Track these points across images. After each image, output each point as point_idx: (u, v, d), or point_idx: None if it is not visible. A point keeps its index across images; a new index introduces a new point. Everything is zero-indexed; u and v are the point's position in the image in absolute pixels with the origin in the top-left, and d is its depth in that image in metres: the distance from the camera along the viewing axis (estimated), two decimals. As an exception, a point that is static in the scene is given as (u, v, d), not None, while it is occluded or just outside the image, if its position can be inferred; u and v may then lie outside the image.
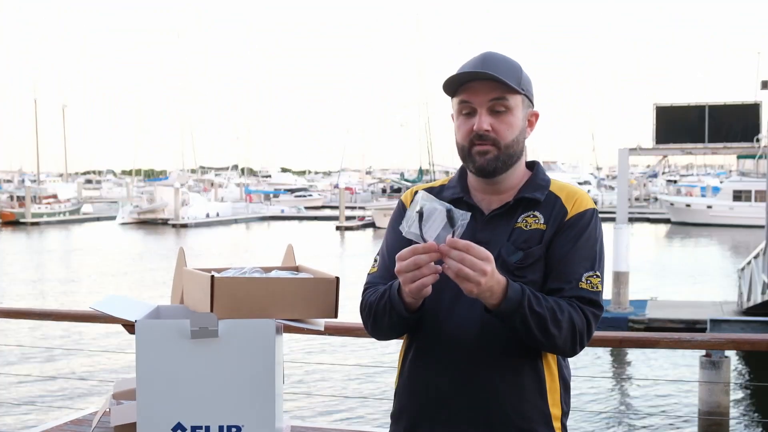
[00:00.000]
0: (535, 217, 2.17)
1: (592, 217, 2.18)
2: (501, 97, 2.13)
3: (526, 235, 2.15)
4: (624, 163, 20.72)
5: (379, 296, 2.16)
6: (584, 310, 2.09)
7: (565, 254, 2.13)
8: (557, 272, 2.13)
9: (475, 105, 2.14)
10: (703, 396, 10.96)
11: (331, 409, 11.89)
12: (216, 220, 55.74)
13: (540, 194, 2.20)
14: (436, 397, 2.16)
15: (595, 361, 15.37)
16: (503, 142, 2.14)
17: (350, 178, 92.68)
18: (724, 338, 4.53)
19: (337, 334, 4.44)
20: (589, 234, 2.16)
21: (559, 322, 2.04)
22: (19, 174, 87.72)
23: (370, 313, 2.19)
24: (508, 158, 2.16)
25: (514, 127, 2.15)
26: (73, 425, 3.90)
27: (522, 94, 2.16)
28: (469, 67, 2.14)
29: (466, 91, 2.15)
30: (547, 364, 2.17)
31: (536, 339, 2.04)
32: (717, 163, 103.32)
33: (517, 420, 2.12)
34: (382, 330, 2.20)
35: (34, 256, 36.35)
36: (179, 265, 2.77)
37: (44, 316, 5.71)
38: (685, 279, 27.28)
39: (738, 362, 15.31)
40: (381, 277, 2.24)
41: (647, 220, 55.89)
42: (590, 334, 2.12)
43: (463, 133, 2.17)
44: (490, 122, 2.13)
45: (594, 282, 2.12)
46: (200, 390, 2.20)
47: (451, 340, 2.13)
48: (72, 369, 14.57)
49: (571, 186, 2.26)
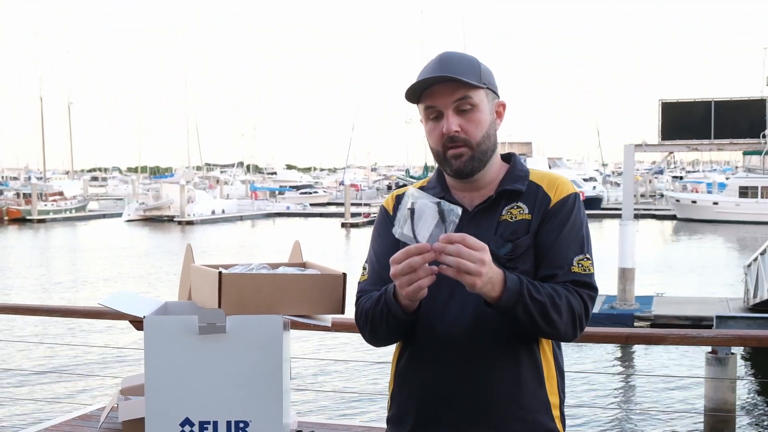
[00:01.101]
0: (519, 208, 2.18)
1: (575, 202, 2.19)
2: (464, 96, 2.12)
3: (512, 226, 2.16)
4: (629, 160, 20.66)
5: (374, 302, 2.14)
6: (580, 293, 2.10)
7: (554, 241, 2.14)
8: (548, 259, 2.14)
9: (440, 108, 2.14)
10: (709, 393, 10.95)
11: (338, 404, 11.92)
12: (221, 217, 55.80)
13: (521, 185, 2.20)
14: (434, 397, 2.15)
15: (602, 357, 15.36)
16: (474, 140, 2.14)
17: (355, 174, 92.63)
18: (730, 334, 4.53)
19: (344, 330, 4.45)
20: (574, 219, 2.17)
21: (558, 307, 2.04)
22: (26, 171, 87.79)
23: (366, 321, 2.17)
24: (483, 155, 2.17)
25: (483, 123, 2.15)
26: (81, 420, 3.92)
27: (484, 88, 2.16)
28: (427, 72, 2.13)
29: (429, 96, 2.14)
30: (544, 352, 2.17)
31: (539, 327, 2.05)
32: (723, 159, 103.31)
33: (517, 411, 2.13)
34: (380, 336, 2.18)
35: (41, 253, 36.42)
36: (187, 261, 2.78)
37: (53, 313, 5.74)
38: (691, 275, 27.24)
39: (744, 359, 15.29)
40: (372, 284, 2.23)
41: (653, 216, 55.75)
42: (588, 316, 2.12)
43: (434, 138, 2.17)
44: (459, 122, 2.12)
45: (585, 264, 2.14)
46: (208, 385, 2.21)
47: (446, 339, 2.13)
48: (80, 365, 14.61)
49: (551, 173, 2.27)
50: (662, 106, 21.67)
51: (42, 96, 77.92)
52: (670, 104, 21.90)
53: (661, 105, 21.69)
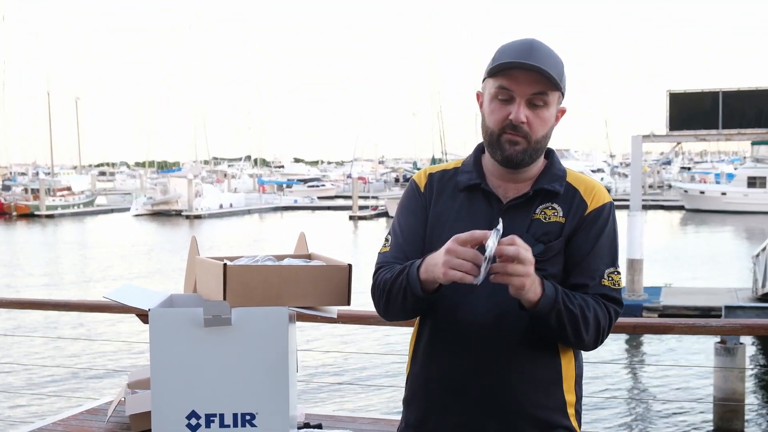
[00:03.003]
0: (554, 210, 2.16)
1: (611, 212, 2.19)
2: (542, 92, 2.09)
3: (545, 227, 2.14)
4: (637, 151, 20.61)
5: (395, 274, 2.11)
6: (608, 308, 2.11)
7: (588, 251, 2.14)
8: (580, 268, 2.13)
9: (515, 94, 2.09)
10: (718, 382, 10.95)
11: (344, 396, 11.93)
12: (229, 211, 55.85)
13: (559, 185, 2.18)
14: (449, 386, 2.14)
15: (610, 347, 15.33)
16: (535, 137, 2.11)
17: (363, 167, 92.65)
18: (739, 324, 4.51)
19: (350, 321, 4.44)
20: (608, 229, 2.17)
21: (587, 320, 2.05)
22: (33, 167, 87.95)
23: (383, 292, 2.15)
24: (535, 152, 2.14)
25: (548, 123, 2.13)
26: (89, 414, 3.92)
27: (560, 91, 2.14)
28: (515, 53, 2.08)
29: (508, 78, 2.09)
30: (564, 351, 2.17)
31: (566, 335, 2.05)
32: (731, 149, 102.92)
33: (531, 409, 2.12)
34: (394, 310, 2.16)
35: (49, 248, 36.52)
36: (192, 253, 2.78)
37: (59, 307, 5.74)
38: (699, 266, 27.19)
39: (753, 349, 15.26)
40: (394, 257, 2.20)
41: (661, 207, 55.67)
42: (610, 331, 2.14)
43: (496, 118, 2.12)
44: (527, 114, 2.09)
45: (615, 279, 2.14)
46: (214, 378, 2.20)
47: (467, 328, 2.11)
48: (87, 359, 14.66)
49: (588, 178, 2.25)
50: (670, 96, 21.59)
51: (49, 91, 78.24)
52: (678, 95, 21.82)
53: (669, 96, 21.61)
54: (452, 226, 2.11)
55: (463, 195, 2.21)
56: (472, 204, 2.19)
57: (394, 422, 3.24)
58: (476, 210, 2.17)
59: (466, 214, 2.17)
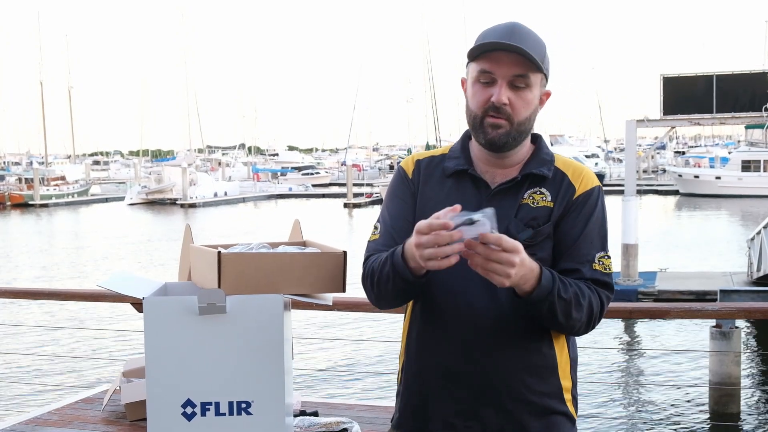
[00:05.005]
0: (542, 194, 2.15)
1: (599, 196, 2.18)
2: (524, 73, 2.08)
3: (533, 212, 2.12)
4: (631, 135, 20.60)
5: (382, 262, 2.09)
6: (600, 294, 2.10)
7: (578, 235, 2.13)
8: (570, 253, 2.12)
9: (496, 76, 2.08)
10: (713, 367, 10.97)
11: (340, 383, 11.94)
12: (224, 199, 55.82)
13: (547, 170, 2.17)
14: (444, 373, 2.13)
15: (605, 332, 15.37)
16: (517, 119, 2.10)
17: (357, 155, 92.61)
18: (734, 307, 4.52)
19: (346, 308, 4.44)
20: (597, 213, 2.16)
21: (581, 307, 2.04)
22: (27, 156, 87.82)
23: (373, 280, 2.13)
24: (519, 135, 2.13)
25: (531, 104, 2.11)
26: (84, 403, 3.91)
27: (542, 72, 2.12)
28: (496, 36, 2.07)
29: (489, 60, 2.08)
30: (557, 338, 2.16)
31: (557, 322, 2.04)
32: (725, 133, 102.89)
33: (528, 395, 2.11)
34: (386, 297, 2.14)
35: (43, 237, 36.46)
36: (186, 241, 2.76)
37: (54, 296, 5.73)
38: (694, 250, 27.24)
39: (748, 333, 15.30)
40: (383, 245, 2.18)
41: (656, 192, 55.76)
42: (601, 317, 2.13)
43: (478, 101, 2.11)
44: (509, 96, 2.07)
45: (606, 263, 2.14)
46: (209, 366, 2.19)
47: (460, 316, 2.10)
48: (82, 348, 14.65)
49: (575, 162, 2.24)
50: (663, 80, 21.57)
51: (42, 80, 77.92)
52: (672, 79, 21.80)
53: (663, 80, 21.59)
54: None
55: (451, 181, 2.20)
56: (459, 189, 2.17)
57: (389, 409, 3.23)
58: (464, 195, 2.15)
59: (454, 199, 2.13)
